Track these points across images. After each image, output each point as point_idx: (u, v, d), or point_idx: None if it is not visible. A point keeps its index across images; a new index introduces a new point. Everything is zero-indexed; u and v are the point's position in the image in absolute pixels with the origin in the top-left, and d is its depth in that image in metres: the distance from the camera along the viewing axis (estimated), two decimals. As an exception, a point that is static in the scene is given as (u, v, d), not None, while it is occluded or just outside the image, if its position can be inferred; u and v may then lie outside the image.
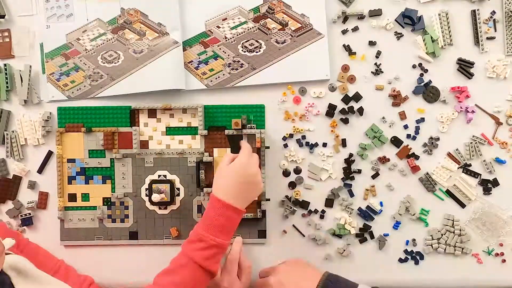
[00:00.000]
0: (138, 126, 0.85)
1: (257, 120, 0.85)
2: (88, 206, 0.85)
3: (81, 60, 0.86)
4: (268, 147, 0.85)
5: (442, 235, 0.87)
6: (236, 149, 0.83)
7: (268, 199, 0.86)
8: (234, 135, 0.84)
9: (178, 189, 0.86)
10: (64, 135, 0.85)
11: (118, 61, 0.85)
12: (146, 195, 0.85)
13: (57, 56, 0.86)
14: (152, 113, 0.85)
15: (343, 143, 0.86)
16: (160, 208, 0.86)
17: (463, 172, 0.87)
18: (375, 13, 0.85)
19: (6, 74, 0.84)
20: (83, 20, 0.86)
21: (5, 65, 0.85)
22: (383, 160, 0.86)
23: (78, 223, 0.86)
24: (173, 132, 0.86)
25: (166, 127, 0.86)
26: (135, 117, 0.85)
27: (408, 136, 0.87)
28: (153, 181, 0.85)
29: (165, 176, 0.86)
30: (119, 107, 0.85)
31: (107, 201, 0.85)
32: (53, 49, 0.86)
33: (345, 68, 0.86)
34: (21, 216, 0.86)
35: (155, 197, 0.83)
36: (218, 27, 0.86)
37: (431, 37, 0.85)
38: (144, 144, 0.85)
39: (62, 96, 0.85)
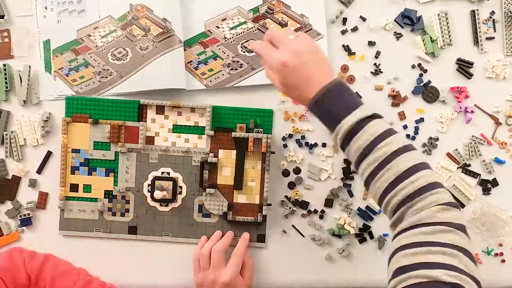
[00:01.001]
0: (146, 121, 0.85)
1: (265, 125, 0.85)
2: (89, 197, 0.85)
3: (91, 56, 0.86)
4: (273, 152, 0.84)
5: (441, 235, 0.87)
6: (242, 152, 0.83)
7: (270, 204, 0.86)
8: (240, 137, 0.84)
9: (181, 187, 0.86)
10: (70, 125, 0.84)
11: (126, 58, 0.85)
12: (148, 191, 0.85)
13: (66, 51, 0.86)
14: (160, 109, 0.85)
15: (343, 143, 0.86)
16: (161, 205, 0.86)
17: (462, 172, 0.87)
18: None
19: (5, 74, 0.84)
20: (95, 16, 0.86)
21: (4, 65, 0.84)
22: (383, 160, 0.86)
23: (78, 214, 0.85)
24: (180, 130, 0.86)
25: (173, 125, 0.85)
26: (143, 113, 0.85)
27: (408, 136, 0.87)
28: (156, 178, 0.85)
29: (168, 173, 0.86)
30: (127, 101, 0.85)
31: (108, 194, 0.85)
32: (62, 44, 0.86)
33: (345, 68, 0.86)
34: (20, 216, 0.86)
35: (157, 194, 0.83)
36: (218, 27, 0.86)
37: (431, 37, 0.85)
38: (150, 140, 0.85)
39: (71, 91, 0.85)
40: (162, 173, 0.86)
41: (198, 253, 0.83)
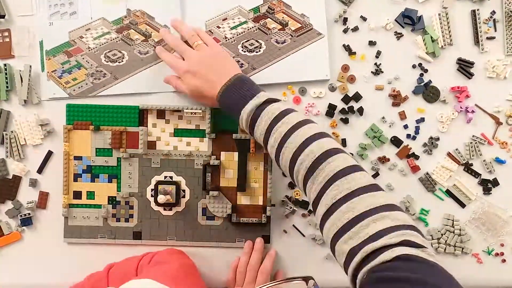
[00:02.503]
0: (147, 126, 0.85)
1: None
2: (93, 204, 0.85)
3: (83, 58, 0.86)
4: None
5: (442, 235, 0.87)
6: (244, 154, 0.83)
7: (273, 205, 0.86)
8: (242, 139, 0.84)
9: (184, 191, 0.86)
10: (72, 132, 0.84)
11: (122, 61, 0.85)
12: (152, 196, 0.85)
13: (59, 54, 0.86)
14: (161, 114, 0.85)
15: (343, 143, 0.86)
16: (165, 209, 0.86)
17: (463, 171, 0.87)
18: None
19: (6, 74, 0.84)
20: (87, 18, 0.86)
21: (5, 65, 0.84)
22: (383, 160, 0.86)
23: (82, 221, 0.85)
24: (181, 134, 0.85)
25: (174, 129, 0.85)
26: (143, 117, 0.85)
27: (408, 136, 0.87)
28: (159, 182, 0.85)
29: (171, 177, 0.85)
30: (128, 106, 0.85)
31: (112, 200, 0.85)
32: (55, 46, 0.86)
33: (345, 68, 0.86)
34: (21, 216, 0.86)
35: (161, 198, 0.82)
36: (218, 27, 0.86)
37: (431, 37, 0.85)
38: (151, 145, 0.85)
39: (64, 94, 0.85)
40: (165, 177, 0.85)
41: (235, 266, 0.84)
